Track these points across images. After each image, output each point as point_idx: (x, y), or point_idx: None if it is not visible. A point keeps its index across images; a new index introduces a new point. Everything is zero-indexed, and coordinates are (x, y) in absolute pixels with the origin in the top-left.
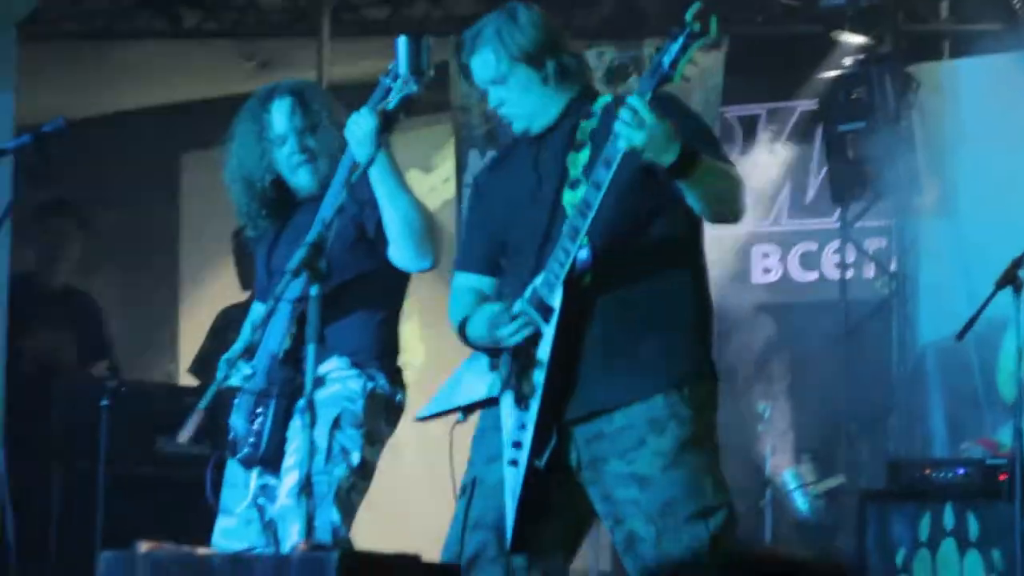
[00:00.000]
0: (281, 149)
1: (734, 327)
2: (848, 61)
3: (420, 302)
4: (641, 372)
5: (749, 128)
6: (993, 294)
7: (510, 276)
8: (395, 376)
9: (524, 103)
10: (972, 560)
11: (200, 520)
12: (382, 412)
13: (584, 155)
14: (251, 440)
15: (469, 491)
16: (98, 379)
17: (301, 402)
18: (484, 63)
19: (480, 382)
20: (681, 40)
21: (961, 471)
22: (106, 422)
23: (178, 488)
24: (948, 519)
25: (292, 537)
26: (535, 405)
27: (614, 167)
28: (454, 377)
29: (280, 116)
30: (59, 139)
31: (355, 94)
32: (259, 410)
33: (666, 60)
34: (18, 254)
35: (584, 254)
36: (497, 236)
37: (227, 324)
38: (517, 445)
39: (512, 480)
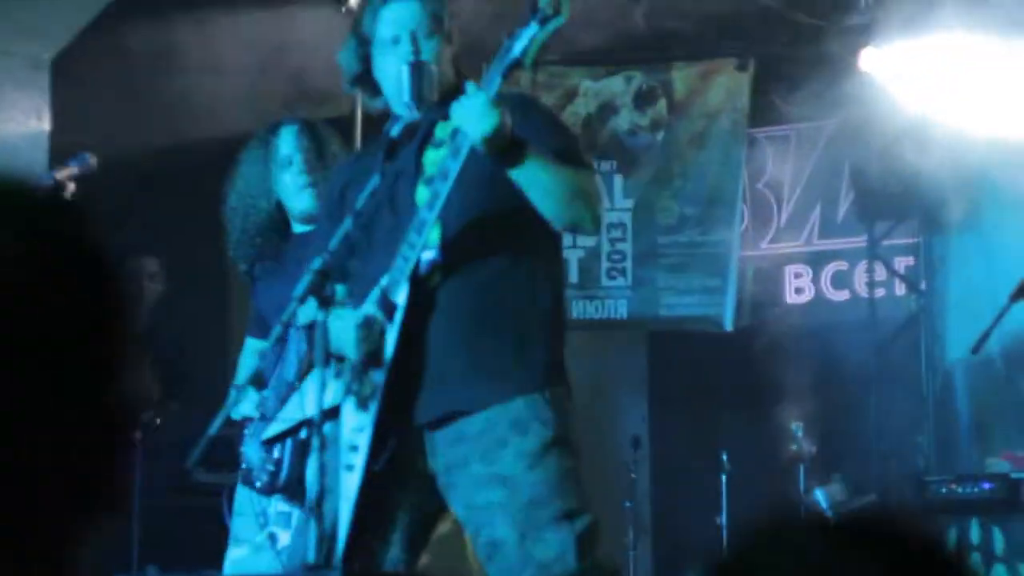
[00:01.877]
0: (286, 171)
1: (768, 347)
2: None
3: None
4: (498, 374)
5: (780, 149)
6: (1006, 308)
7: (363, 277)
8: None
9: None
10: (998, 574)
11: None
12: None
13: (442, 153)
14: (269, 468)
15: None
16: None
17: None
18: (411, 9)
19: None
20: (534, 25)
21: (986, 486)
22: (141, 455)
23: (210, 517)
24: (974, 534)
25: None
26: (374, 406)
27: (462, 156)
28: (299, 390)
29: (287, 138)
30: (89, 176)
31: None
32: (276, 451)
33: (517, 46)
34: None
35: (431, 254)
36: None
37: None
38: (353, 448)
39: (347, 486)
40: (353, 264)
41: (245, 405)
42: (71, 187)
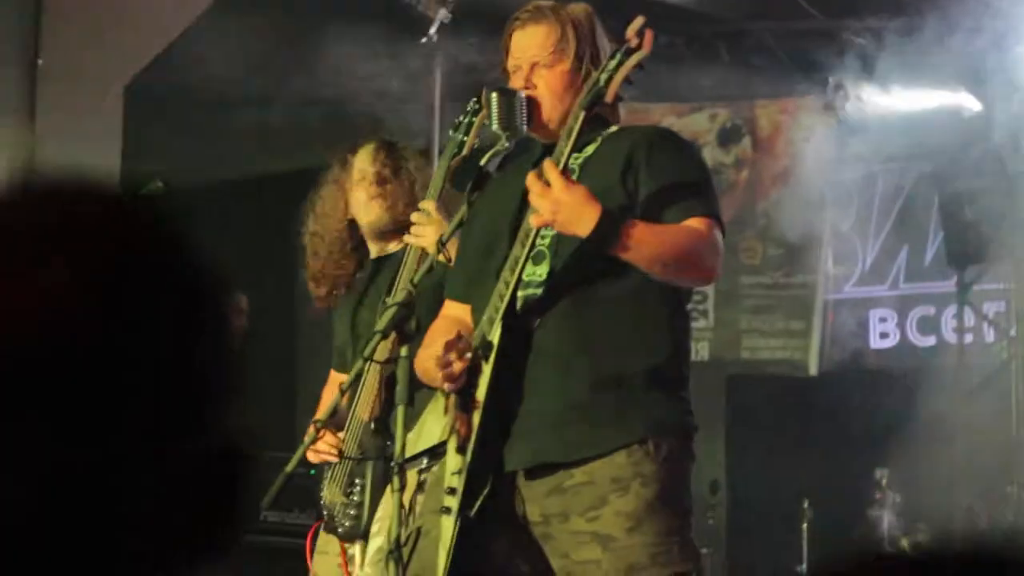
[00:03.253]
0: (359, 186)
1: (852, 392)
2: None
3: None
4: (599, 424)
5: (866, 188)
6: None
7: (483, 307)
8: None
9: (554, 103)
10: None
11: None
12: None
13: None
14: (351, 512)
15: (412, 542)
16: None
17: None
18: (535, 37)
19: (438, 425)
20: (618, 56)
21: None
22: None
23: (282, 556)
24: None
25: None
26: (469, 449)
27: None
28: (421, 418)
29: (364, 156)
30: (163, 203)
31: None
32: (357, 480)
33: (603, 77)
34: None
35: (533, 291)
36: (475, 264)
37: None
38: (451, 491)
39: (444, 528)
40: (476, 297)
41: (322, 447)
42: None
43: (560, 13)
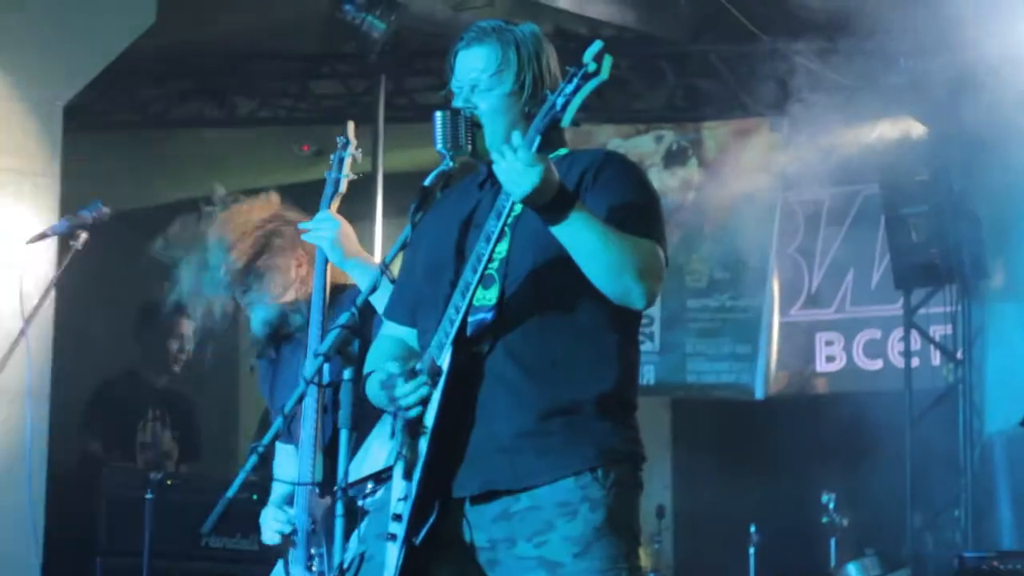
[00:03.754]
0: None
1: (798, 416)
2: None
3: None
4: (548, 451)
5: (812, 212)
6: None
7: (431, 332)
8: None
9: (495, 125)
10: None
11: None
12: None
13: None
14: None
15: (355, 567)
16: (144, 472)
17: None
18: (475, 59)
19: (384, 449)
20: (575, 81)
21: None
22: (150, 516)
23: None
24: None
25: None
26: (417, 475)
27: (504, 217)
28: (366, 443)
29: None
30: (100, 225)
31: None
32: (313, 550)
33: (559, 101)
34: (124, 347)
35: (483, 316)
36: (422, 287)
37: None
38: (397, 518)
39: (389, 555)
40: (423, 321)
41: (282, 527)
42: (84, 236)
43: (504, 35)
